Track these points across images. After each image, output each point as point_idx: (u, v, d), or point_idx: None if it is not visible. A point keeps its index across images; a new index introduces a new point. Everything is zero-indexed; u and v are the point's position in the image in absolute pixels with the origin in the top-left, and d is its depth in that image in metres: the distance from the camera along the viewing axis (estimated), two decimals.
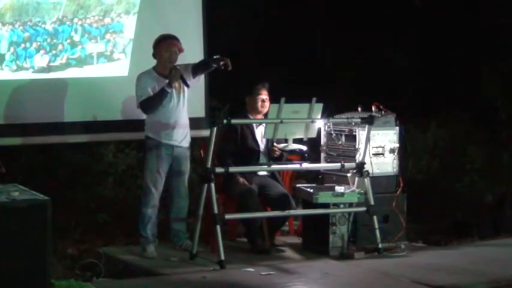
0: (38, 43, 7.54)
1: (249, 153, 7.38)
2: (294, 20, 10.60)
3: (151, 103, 6.93)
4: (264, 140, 7.44)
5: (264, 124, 7.35)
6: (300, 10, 10.63)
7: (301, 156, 7.49)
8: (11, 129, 7.38)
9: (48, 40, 7.58)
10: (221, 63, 6.87)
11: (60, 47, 7.64)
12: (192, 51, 8.00)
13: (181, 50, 7.11)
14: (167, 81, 6.93)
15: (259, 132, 7.46)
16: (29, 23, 7.49)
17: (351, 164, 7.31)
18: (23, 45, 7.48)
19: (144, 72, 7.12)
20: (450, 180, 9.37)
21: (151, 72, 7.06)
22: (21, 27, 7.45)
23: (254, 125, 7.47)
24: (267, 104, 7.36)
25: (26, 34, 7.48)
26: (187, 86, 7.01)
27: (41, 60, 7.56)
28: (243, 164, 7.19)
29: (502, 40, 10.21)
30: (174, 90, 6.99)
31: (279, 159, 7.37)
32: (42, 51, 7.55)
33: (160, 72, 7.03)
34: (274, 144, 7.34)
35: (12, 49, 7.42)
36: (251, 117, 7.43)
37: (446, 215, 8.41)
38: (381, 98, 7.67)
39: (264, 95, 7.41)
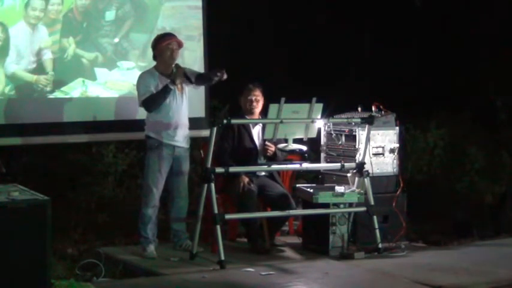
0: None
1: (246, 153, 7.37)
2: (294, 20, 10.61)
3: (155, 100, 6.93)
4: (261, 140, 7.43)
5: (260, 124, 7.35)
6: (300, 10, 10.64)
7: (301, 156, 7.50)
8: (11, 129, 7.38)
9: None
10: (218, 74, 6.86)
11: None
12: (192, 51, 8.02)
13: (180, 45, 7.11)
14: (170, 78, 6.95)
15: (256, 132, 7.45)
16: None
17: (351, 164, 7.31)
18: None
19: (146, 71, 7.14)
20: (450, 180, 9.37)
21: (153, 72, 7.06)
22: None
23: (250, 125, 7.47)
24: (257, 104, 7.35)
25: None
26: (192, 82, 7.02)
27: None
28: (241, 164, 7.19)
29: (502, 40, 10.22)
30: (176, 90, 7.00)
31: (272, 159, 7.37)
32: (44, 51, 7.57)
33: (162, 72, 7.03)
34: (267, 143, 7.34)
35: (13, 48, 7.43)
36: (247, 117, 7.42)
37: (446, 215, 8.41)
38: (381, 98, 7.67)
39: (253, 96, 7.37)
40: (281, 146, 7.23)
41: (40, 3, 7.46)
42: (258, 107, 7.39)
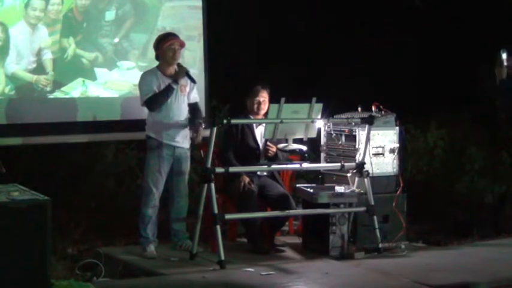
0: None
1: (249, 152, 7.37)
2: (295, 20, 10.61)
3: (158, 100, 6.93)
4: (264, 140, 7.43)
5: (264, 124, 7.36)
6: (300, 10, 10.64)
7: (301, 156, 7.49)
8: (12, 129, 7.38)
9: None
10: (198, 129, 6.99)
11: None
12: (192, 51, 8.02)
13: (182, 45, 7.11)
14: (173, 78, 6.95)
15: (259, 132, 7.45)
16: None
17: (351, 164, 7.31)
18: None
19: (148, 70, 7.14)
20: (450, 180, 9.37)
21: (155, 71, 7.06)
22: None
23: (254, 125, 7.47)
24: (264, 105, 7.35)
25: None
26: (194, 82, 7.03)
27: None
28: (243, 164, 7.19)
29: (501, 40, 10.21)
30: (179, 91, 7.00)
31: (273, 159, 7.37)
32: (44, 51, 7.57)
33: (164, 71, 7.03)
34: (268, 143, 7.34)
35: (13, 48, 7.42)
36: (252, 117, 7.42)
37: (446, 215, 8.41)
38: (381, 98, 7.67)
39: (260, 97, 7.37)
40: (281, 146, 7.24)
41: (40, 3, 7.46)
42: (264, 109, 7.38)
